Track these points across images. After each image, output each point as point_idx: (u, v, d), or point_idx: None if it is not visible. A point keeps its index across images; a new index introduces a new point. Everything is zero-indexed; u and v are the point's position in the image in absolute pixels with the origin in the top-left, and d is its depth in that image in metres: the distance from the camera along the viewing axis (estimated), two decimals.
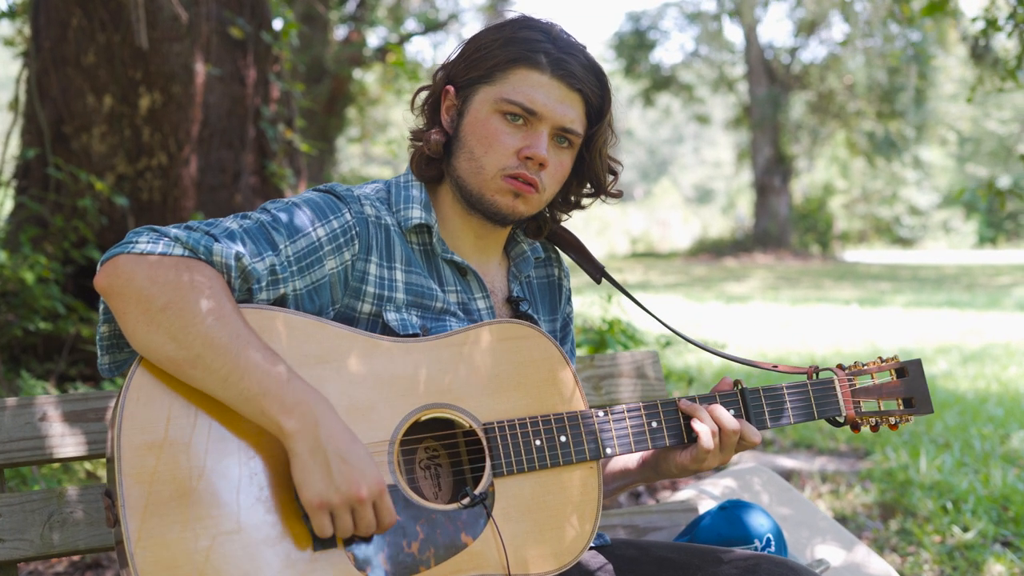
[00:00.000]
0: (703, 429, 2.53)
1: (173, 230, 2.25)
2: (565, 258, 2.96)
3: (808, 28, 41.02)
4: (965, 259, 41.39)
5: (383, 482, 2.18)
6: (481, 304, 2.65)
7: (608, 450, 2.50)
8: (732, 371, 10.96)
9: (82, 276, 7.60)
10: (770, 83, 41.82)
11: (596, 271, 2.88)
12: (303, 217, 2.41)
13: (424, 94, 2.71)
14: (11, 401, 2.67)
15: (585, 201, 2.79)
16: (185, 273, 2.17)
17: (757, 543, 3.06)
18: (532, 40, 2.52)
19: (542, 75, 2.50)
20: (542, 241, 2.88)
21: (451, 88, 2.60)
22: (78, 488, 2.72)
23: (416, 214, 2.57)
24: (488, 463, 2.40)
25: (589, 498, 2.48)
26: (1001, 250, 51.63)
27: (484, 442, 2.41)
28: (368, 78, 24.53)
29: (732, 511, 3.13)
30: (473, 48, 2.59)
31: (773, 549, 3.05)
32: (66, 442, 2.70)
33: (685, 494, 3.71)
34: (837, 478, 6.90)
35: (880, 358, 2.79)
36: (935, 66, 39.04)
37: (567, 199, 2.76)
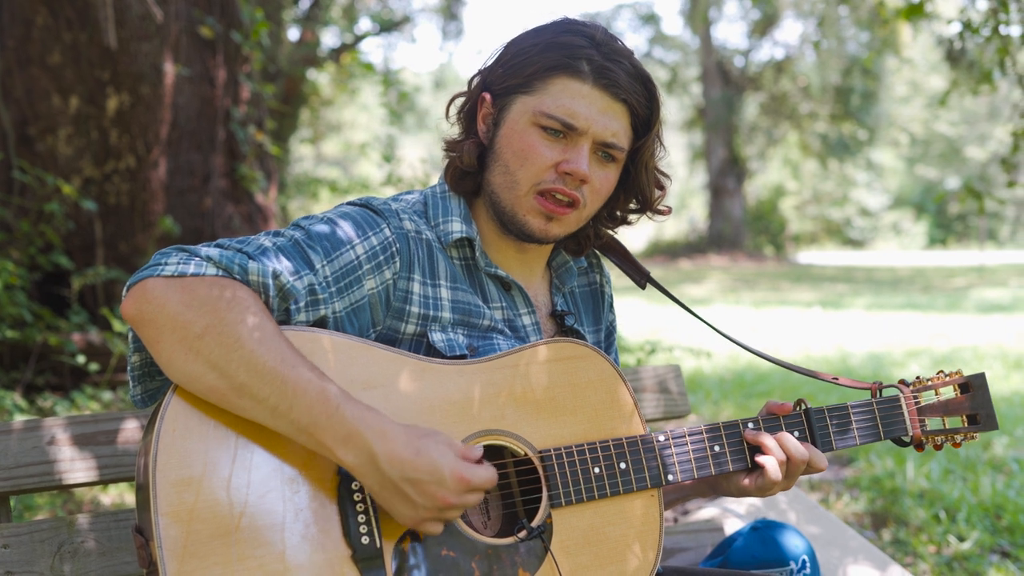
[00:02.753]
0: (770, 462, 2.38)
1: (204, 249, 2.07)
2: (605, 262, 2.79)
3: (761, 30, 41.14)
4: (917, 260, 41.79)
5: (463, 472, 2.01)
6: (527, 320, 2.49)
7: (670, 477, 2.36)
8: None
9: (49, 283, 7.40)
10: (724, 85, 41.93)
11: (641, 276, 2.72)
12: (340, 234, 2.23)
13: (460, 101, 2.52)
14: (18, 424, 2.49)
15: (632, 217, 2.62)
16: (222, 295, 1.99)
17: (793, 565, 2.94)
18: (574, 45, 2.34)
19: (583, 84, 2.32)
20: None
21: (487, 96, 2.42)
22: (89, 517, 2.55)
23: (457, 227, 2.40)
24: (545, 493, 2.24)
25: (651, 527, 2.33)
26: (951, 251, 52.15)
27: (540, 471, 2.25)
28: (322, 79, 24.27)
29: (765, 532, 3.01)
30: (511, 53, 2.40)
31: (808, 572, 2.92)
32: (76, 467, 2.53)
33: (709, 512, 3.57)
34: (824, 486, 6.81)
35: (942, 372, 2.65)
36: (887, 68, 39.33)
37: (612, 215, 2.58)
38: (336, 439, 1.96)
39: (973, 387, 2.62)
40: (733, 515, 3.52)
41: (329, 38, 24.73)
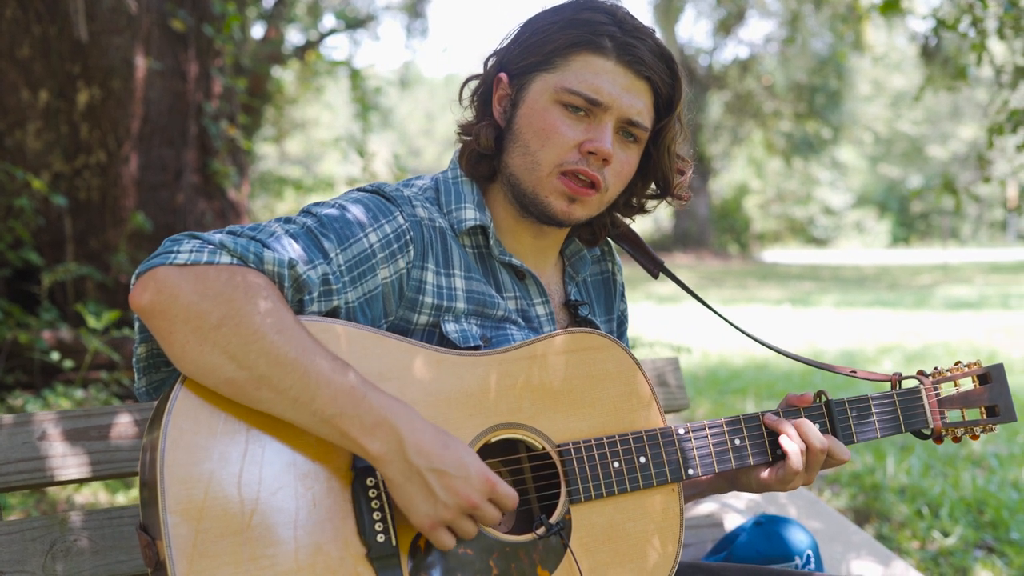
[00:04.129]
0: (792, 448, 2.32)
1: (217, 236, 1.98)
2: (616, 249, 2.72)
3: (727, 28, 41.24)
4: (881, 259, 42.07)
5: (490, 475, 1.96)
6: (541, 310, 2.41)
7: (690, 471, 2.29)
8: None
9: (19, 279, 7.27)
10: (689, 83, 41.88)
11: (654, 265, 2.65)
12: (352, 221, 2.14)
13: (473, 84, 2.43)
14: (7, 419, 2.39)
15: (649, 204, 2.54)
16: (238, 284, 1.90)
17: (798, 560, 2.91)
18: (595, 22, 2.25)
19: (607, 61, 2.24)
20: None
21: (504, 76, 2.33)
22: (81, 514, 2.45)
23: (470, 215, 2.32)
24: (563, 488, 2.17)
25: (671, 522, 2.27)
26: (915, 249, 52.51)
27: (559, 466, 2.18)
28: (286, 76, 24.13)
29: (769, 527, 2.96)
30: (529, 32, 2.32)
31: (813, 566, 2.89)
32: (67, 463, 2.43)
33: (708, 508, 3.51)
34: None
35: (959, 363, 2.59)
36: (852, 67, 39.55)
37: (629, 201, 2.50)
38: (363, 428, 1.89)
39: (992, 378, 2.57)
40: (732, 510, 3.47)
41: (293, 35, 24.59)
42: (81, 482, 2.49)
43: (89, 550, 2.43)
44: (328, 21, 27.94)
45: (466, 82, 2.44)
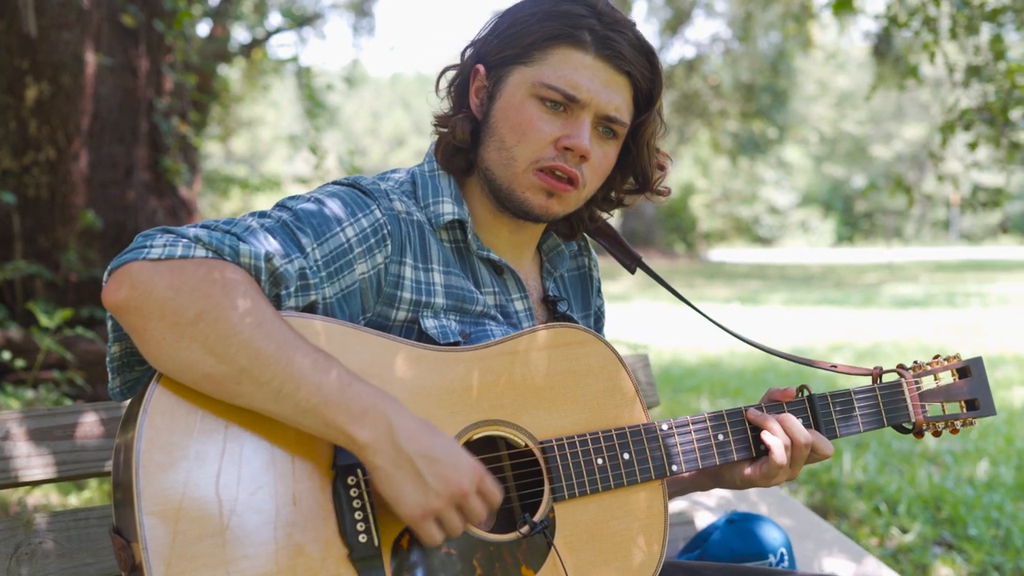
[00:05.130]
0: (775, 443, 2.29)
1: (191, 230, 1.92)
2: (593, 244, 2.68)
3: (673, 28, 41.39)
4: (826, 258, 42.43)
5: (478, 464, 1.93)
6: (519, 305, 2.36)
7: (674, 467, 2.26)
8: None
9: None
10: None
11: (631, 260, 2.61)
12: (329, 215, 2.09)
13: (451, 74, 2.38)
14: None
15: (628, 199, 2.49)
16: (215, 277, 1.84)
17: (772, 558, 2.89)
18: (574, 15, 2.21)
19: (586, 55, 2.20)
20: None
21: (481, 68, 2.28)
22: (47, 516, 2.40)
23: (448, 209, 2.26)
24: (547, 486, 2.13)
25: (656, 519, 2.24)
26: (859, 248, 53.02)
27: (542, 463, 2.14)
28: (233, 74, 23.95)
29: (742, 524, 2.95)
30: (507, 22, 2.27)
31: (787, 564, 2.88)
32: (32, 463, 2.37)
33: (678, 505, 3.49)
34: None
35: (937, 356, 2.58)
36: (796, 67, 39.84)
37: (608, 196, 2.47)
38: (351, 415, 1.84)
39: (971, 372, 2.57)
40: (703, 508, 3.44)
41: (240, 33, 24.40)
42: (47, 483, 2.42)
43: (55, 552, 2.37)
44: (275, 19, 27.75)
45: (443, 72, 2.39)
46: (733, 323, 16.70)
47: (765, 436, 2.31)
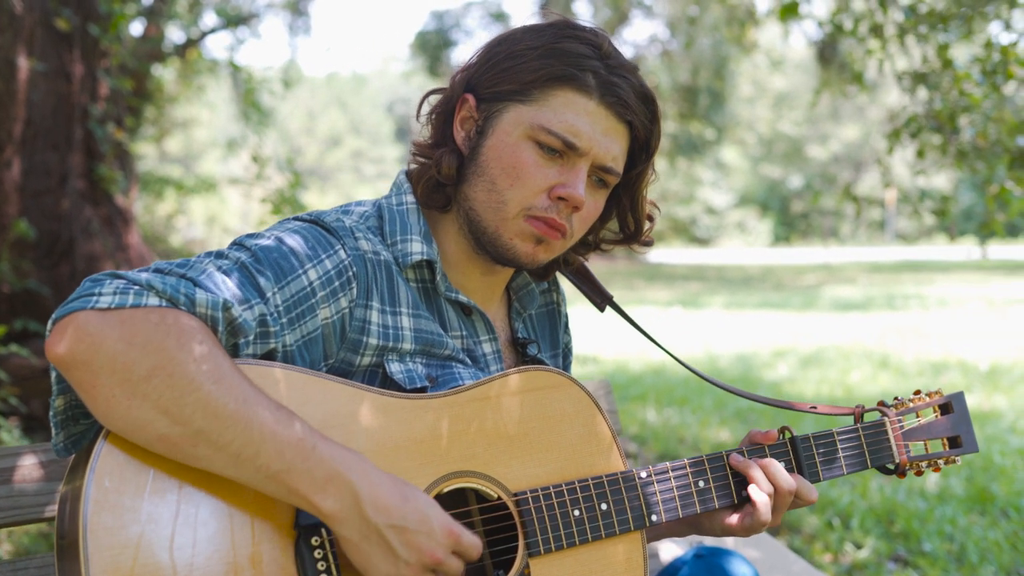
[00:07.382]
0: (762, 500, 2.19)
1: (143, 275, 1.76)
2: (563, 281, 2.58)
3: (611, 28, 41.46)
4: (763, 258, 42.71)
5: (453, 526, 1.82)
6: (487, 348, 2.24)
7: (653, 517, 2.15)
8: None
9: None
10: None
11: (601, 298, 2.50)
12: (290, 256, 1.94)
13: (434, 98, 2.25)
14: None
15: (608, 247, 2.39)
16: (169, 329, 1.69)
17: None
18: (578, 54, 2.07)
19: (589, 100, 2.07)
20: None
21: (471, 98, 2.15)
22: None
23: (417, 248, 2.13)
24: (521, 541, 2.01)
25: (635, 573, 2.12)
26: (796, 248, 53.48)
27: (516, 516, 2.01)
28: (167, 75, 23.62)
29: (711, 559, 2.82)
30: (504, 54, 2.13)
31: None
32: None
33: None
34: None
35: (919, 392, 2.50)
36: (733, 69, 40.05)
37: (585, 240, 2.35)
38: (314, 484, 1.71)
39: (953, 408, 2.49)
40: (668, 540, 3.34)
41: (174, 33, 24.08)
42: None
43: None
44: (209, 19, 27.43)
45: (427, 95, 2.25)
46: (676, 329, 16.70)
47: (752, 492, 2.20)
